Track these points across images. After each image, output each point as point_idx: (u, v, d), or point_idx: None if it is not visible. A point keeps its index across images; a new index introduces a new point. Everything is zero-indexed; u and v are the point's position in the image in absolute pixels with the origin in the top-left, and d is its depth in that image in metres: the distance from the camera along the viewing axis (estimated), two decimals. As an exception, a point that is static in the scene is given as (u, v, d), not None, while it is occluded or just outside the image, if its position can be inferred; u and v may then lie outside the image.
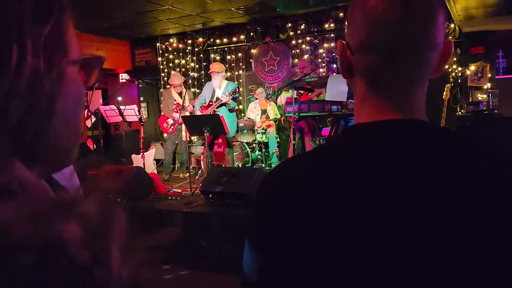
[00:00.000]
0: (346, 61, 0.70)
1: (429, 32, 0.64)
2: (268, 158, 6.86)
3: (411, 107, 0.66)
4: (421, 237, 0.56)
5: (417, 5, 0.64)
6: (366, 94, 0.68)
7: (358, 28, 0.67)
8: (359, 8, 0.67)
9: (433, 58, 0.66)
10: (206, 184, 4.56)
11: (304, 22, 7.24)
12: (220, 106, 5.87)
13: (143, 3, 6.12)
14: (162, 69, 8.70)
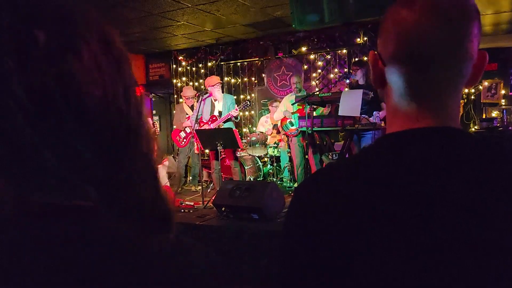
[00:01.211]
0: (378, 72, 0.71)
1: (463, 43, 0.64)
2: (279, 172, 6.86)
3: (445, 115, 0.66)
4: (465, 246, 0.56)
5: (450, 15, 0.63)
6: (398, 104, 0.69)
7: (390, 39, 0.67)
8: (391, 19, 0.68)
9: (467, 69, 0.66)
10: (219, 197, 4.57)
11: (316, 38, 7.31)
12: (227, 121, 5.84)
13: (159, 19, 6.25)
14: (175, 83, 8.82)
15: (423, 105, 0.66)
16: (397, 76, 0.68)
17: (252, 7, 5.78)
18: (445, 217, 0.57)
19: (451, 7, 0.64)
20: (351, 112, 4.66)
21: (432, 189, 0.59)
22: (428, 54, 0.64)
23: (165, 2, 5.42)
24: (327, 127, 5.11)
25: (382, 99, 0.77)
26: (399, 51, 0.66)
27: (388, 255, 0.57)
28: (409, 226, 0.57)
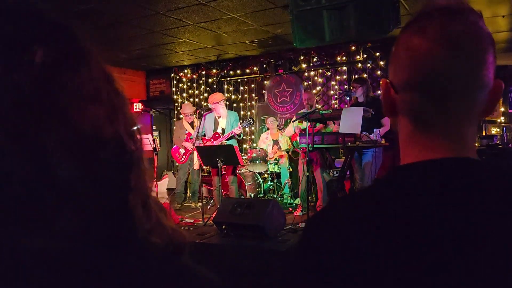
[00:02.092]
0: (389, 100, 0.70)
1: (478, 72, 0.62)
2: (280, 188, 6.84)
3: (462, 146, 0.65)
4: (486, 279, 0.55)
5: (465, 44, 0.62)
6: (413, 133, 0.67)
7: (402, 67, 0.66)
8: (403, 47, 0.66)
9: (482, 98, 0.64)
10: (219, 215, 4.55)
11: (316, 55, 7.37)
12: (229, 139, 5.82)
13: (160, 36, 6.31)
14: (176, 99, 8.86)
15: (438, 135, 0.65)
16: (411, 105, 0.66)
17: (253, 25, 5.85)
18: (471, 252, 0.56)
19: (465, 35, 0.62)
20: (352, 129, 4.67)
21: (456, 222, 0.57)
22: (442, 83, 0.63)
23: (167, 20, 5.48)
24: (328, 144, 5.11)
25: (393, 128, 0.76)
26: (412, 79, 0.65)
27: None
28: (435, 262, 0.56)
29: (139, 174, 0.47)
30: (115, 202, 0.44)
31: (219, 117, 5.91)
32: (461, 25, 0.63)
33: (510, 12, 3.87)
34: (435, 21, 0.64)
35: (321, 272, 0.61)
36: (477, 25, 0.64)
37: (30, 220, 0.39)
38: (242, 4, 4.98)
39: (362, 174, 5.12)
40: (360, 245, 0.59)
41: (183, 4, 4.87)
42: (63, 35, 0.46)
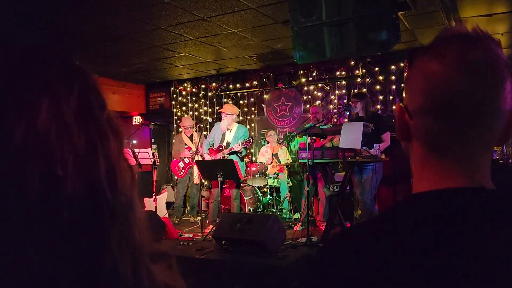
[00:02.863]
0: (404, 125, 0.69)
1: (495, 100, 0.62)
2: (279, 202, 6.81)
3: (478, 174, 0.64)
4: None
5: (483, 72, 0.62)
6: (427, 159, 0.67)
7: (418, 92, 0.65)
8: (419, 72, 0.66)
9: (499, 126, 0.64)
10: (219, 230, 4.51)
11: (316, 69, 7.42)
12: (231, 154, 5.81)
13: (161, 51, 6.34)
14: (175, 112, 8.87)
15: (454, 163, 0.64)
16: (426, 131, 0.66)
17: (253, 40, 5.89)
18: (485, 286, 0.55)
19: (484, 62, 0.62)
20: (352, 144, 4.67)
21: (473, 255, 0.56)
22: (459, 110, 0.62)
23: (168, 35, 5.51)
24: (328, 159, 5.11)
25: (405, 152, 0.75)
26: (428, 105, 0.64)
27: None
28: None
29: (124, 227, 0.40)
30: (85, 268, 0.37)
31: (227, 130, 5.87)
32: (480, 52, 0.63)
33: (508, 30, 3.91)
34: (453, 47, 0.64)
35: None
36: (496, 53, 0.63)
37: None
38: (242, 20, 5.02)
39: (362, 189, 5.11)
40: (377, 275, 0.58)
41: (184, 19, 4.91)
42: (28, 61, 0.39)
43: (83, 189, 0.37)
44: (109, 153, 0.41)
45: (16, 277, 0.34)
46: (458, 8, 3.32)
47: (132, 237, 0.42)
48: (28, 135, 0.35)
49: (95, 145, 0.40)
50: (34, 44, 0.41)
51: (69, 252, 0.36)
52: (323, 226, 5.70)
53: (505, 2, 3.28)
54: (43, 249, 0.35)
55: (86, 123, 0.40)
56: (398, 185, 6.10)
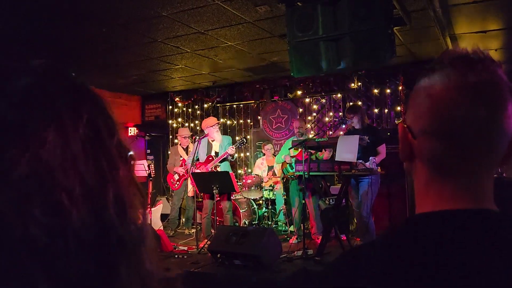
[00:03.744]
0: (407, 145, 0.70)
1: (499, 121, 0.63)
2: (274, 215, 6.78)
3: (482, 196, 0.64)
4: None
5: (487, 93, 0.63)
6: (431, 180, 0.67)
7: (422, 114, 0.66)
8: (423, 93, 0.67)
9: (503, 147, 0.64)
10: (214, 243, 4.48)
11: (311, 82, 7.46)
12: (222, 161, 5.78)
13: (157, 63, 6.36)
14: (171, 124, 8.87)
15: (457, 184, 0.65)
16: (430, 152, 0.66)
17: (250, 53, 5.93)
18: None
19: (487, 84, 0.63)
20: (348, 157, 4.68)
21: (473, 281, 0.56)
22: (463, 131, 0.63)
23: (165, 47, 5.53)
24: (324, 171, 5.11)
25: (408, 172, 0.75)
26: (433, 126, 0.65)
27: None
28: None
29: (134, 256, 0.40)
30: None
31: (212, 141, 5.89)
32: (483, 74, 0.64)
33: (502, 46, 3.97)
34: (457, 69, 0.65)
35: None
36: (498, 75, 0.65)
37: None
38: (239, 33, 5.06)
39: (359, 202, 5.11)
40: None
41: (182, 32, 4.94)
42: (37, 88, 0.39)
43: (90, 220, 0.37)
44: (118, 181, 0.40)
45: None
46: (453, 24, 3.37)
47: (142, 265, 0.41)
48: (33, 166, 0.35)
49: (103, 173, 0.39)
50: (41, 67, 0.41)
51: (77, 282, 0.36)
52: (318, 239, 5.68)
53: (498, 19, 3.34)
54: (51, 280, 0.34)
55: (95, 151, 0.39)
56: (394, 198, 6.11)
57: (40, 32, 4.77)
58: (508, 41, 3.83)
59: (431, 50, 5.77)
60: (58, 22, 4.50)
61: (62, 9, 4.12)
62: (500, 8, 3.09)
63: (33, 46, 5.25)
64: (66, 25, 4.58)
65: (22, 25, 4.48)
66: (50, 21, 4.45)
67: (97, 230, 0.37)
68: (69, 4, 3.99)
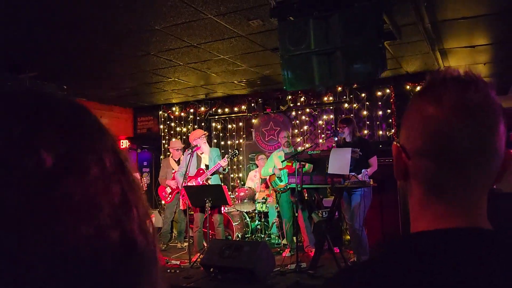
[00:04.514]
0: (401, 165, 0.70)
1: (491, 141, 0.64)
2: (267, 228, 6.75)
3: (476, 215, 0.65)
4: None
5: (480, 114, 0.64)
6: (425, 199, 0.68)
7: (417, 134, 0.67)
8: (417, 114, 0.68)
9: (495, 167, 0.66)
10: (207, 257, 4.45)
11: (303, 95, 7.52)
12: (213, 174, 5.73)
13: (150, 75, 6.37)
14: (163, 136, 8.85)
15: (452, 203, 0.66)
16: (425, 172, 0.67)
17: (242, 66, 5.97)
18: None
19: (480, 105, 0.65)
20: (340, 170, 4.70)
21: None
22: (458, 152, 0.64)
23: (157, 60, 5.55)
24: (316, 184, 5.12)
25: (404, 191, 0.76)
26: (427, 147, 0.66)
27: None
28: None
29: (149, 277, 0.42)
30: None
31: (201, 153, 5.87)
32: (476, 95, 0.65)
33: (489, 60, 4.05)
34: (449, 91, 0.66)
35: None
36: (490, 96, 0.66)
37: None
38: (232, 47, 5.09)
39: (352, 214, 5.11)
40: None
41: (175, 46, 4.96)
42: (74, 133, 0.41)
43: (120, 240, 0.39)
44: (138, 205, 0.43)
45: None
46: (443, 39, 3.43)
47: (156, 286, 0.43)
48: (84, 193, 0.38)
49: (127, 196, 0.42)
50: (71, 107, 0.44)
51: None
52: (311, 252, 5.66)
53: (486, 35, 3.41)
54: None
55: (120, 173, 0.42)
56: (386, 210, 6.12)
57: (33, 43, 4.77)
58: (495, 55, 3.91)
59: (421, 63, 5.87)
60: (51, 34, 4.50)
61: (56, 21, 4.13)
62: (488, 24, 3.16)
63: (26, 56, 5.23)
64: (59, 37, 4.58)
65: (16, 36, 4.47)
66: (43, 33, 4.44)
67: (125, 250, 0.40)
68: (63, 17, 4.00)
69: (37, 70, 5.50)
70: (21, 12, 3.84)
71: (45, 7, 3.75)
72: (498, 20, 3.09)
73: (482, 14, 2.92)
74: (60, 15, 3.95)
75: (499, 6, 2.84)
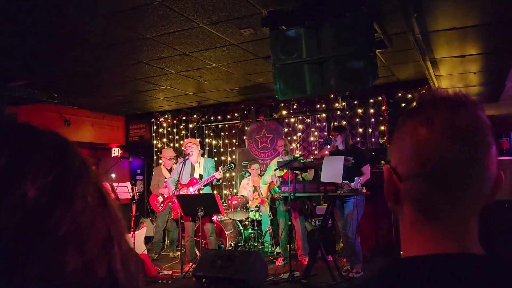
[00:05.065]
0: (392, 187, 0.70)
1: (483, 163, 0.64)
2: (261, 236, 6.71)
3: (466, 238, 0.65)
4: None
5: (471, 136, 0.64)
6: (417, 222, 0.67)
7: (408, 157, 0.67)
8: (408, 136, 0.67)
9: (487, 189, 0.66)
10: (199, 267, 4.40)
11: (296, 102, 7.52)
12: (206, 184, 5.68)
13: (142, 84, 6.33)
14: (156, 144, 8.79)
15: (444, 226, 0.65)
16: (416, 194, 0.67)
17: (235, 74, 5.96)
18: None
19: (471, 127, 0.65)
20: (333, 178, 4.69)
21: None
22: (450, 174, 0.64)
23: (149, 68, 5.52)
24: (309, 192, 5.11)
25: (393, 213, 0.75)
26: (419, 170, 0.66)
27: None
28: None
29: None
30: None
31: (195, 163, 5.82)
32: (467, 118, 0.65)
33: (480, 69, 4.08)
34: (441, 113, 0.66)
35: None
36: (481, 118, 0.66)
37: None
38: (224, 55, 5.08)
39: (345, 223, 5.10)
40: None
41: (166, 54, 4.94)
42: (57, 167, 0.41)
43: (106, 276, 0.39)
44: (121, 240, 0.43)
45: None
46: (433, 49, 3.45)
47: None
48: (70, 227, 0.38)
49: (110, 231, 0.42)
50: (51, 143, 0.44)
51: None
52: (305, 260, 5.63)
53: (477, 45, 3.44)
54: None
55: (103, 208, 0.43)
56: (379, 218, 6.12)
57: (23, 51, 4.72)
58: (486, 64, 3.94)
59: (413, 71, 5.90)
60: (41, 43, 4.45)
61: (46, 30, 4.09)
62: (478, 34, 3.19)
63: (16, 65, 5.17)
64: (49, 46, 4.54)
65: (5, 44, 4.42)
66: (33, 41, 4.40)
67: (109, 285, 0.40)
68: (53, 25, 3.96)
69: (27, 78, 5.44)
70: (11, 21, 3.80)
71: (34, 16, 3.71)
72: (488, 31, 3.12)
73: (472, 25, 2.95)
74: (50, 24, 3.92)
75: (488, 17, 2.87)
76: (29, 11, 3.57)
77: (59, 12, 3.64)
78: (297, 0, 3.61)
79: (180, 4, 3.57)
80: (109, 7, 3.56)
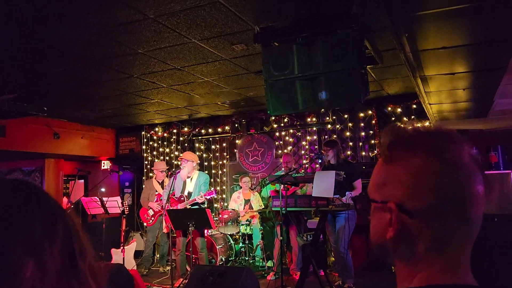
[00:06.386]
0: (400, 225, 0.68)
1: (485, 196, 0.67)
2: (252, 250, 6.67)
3: (465, 269, 0.67)
4: None
5: (480, 170, 0.67)
6: (425, 256, 0.67)
7: (422, 192, 0.66)
8: (420, 170, 0.67)
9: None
10: (190, 284, 4.33)
11: (287, 116, 7.55)
12: (193, 205, 5.56)
13: (133, 97, 6.31)
14: (146, 157, 8.73)
15: (453, 259, 0.67)
16: (430, 229, 0.66)
17: (226, 88, 5.97)
18: None
19: (476, 162, 0.67)
20: (325, 193, 4.68)
21: None
22: (466, 209, 0.65)
23: (140, 82, 5.51)
24: (301, 207, 5.09)
25: (382, 253, 0.73)
26: (437, 204, 0.65)
27: None
28: None
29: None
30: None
31: (188, 177, 5.75)
32: (470, 153, 0.68)
33: (469, 86, 4.16)
34: (448, 147, 0.67)
35: None
36: (474, 153, 0.69)
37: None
38: (216, 70, 5.09)
39: (336, 237, 5.09)
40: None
41: (158, 68, 4.94)
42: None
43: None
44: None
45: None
46: (423, 66, 3.51)
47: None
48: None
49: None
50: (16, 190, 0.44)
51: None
52: (296, 275, 5.60)
53: (465, 63, 3.51)
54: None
55: (70, 274, 0.41)
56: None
57: (13, 65, 4.68)
58: (474, 82, 4.02)
59: (402, 85, 5.98)
60: (31, 57, 4.42)
61: (36, 44, 4.06)
62: (466, 53, 3.26)
63: (5, 78, 5.12)
64: (39, 59, 4.51)
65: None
66: (23, 55, 4.37)
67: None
68: (45, 39, 3.94)
69: (16, 91, 5.38)
70: (3, 35, 3.77)
71: (24, 29, 3.69)
72: (477, 50, 3.19)
73: (462, 44, 3.01)
74: (40, 38, 3.89)
75: (477, 37, 2.93)
76: (20, 24, 3.55)
77: (50, 25, 3.62)
78: (288, 17, 3.64)
79: (173, 20, 3.59)
80: (101, 22, 3.56)
